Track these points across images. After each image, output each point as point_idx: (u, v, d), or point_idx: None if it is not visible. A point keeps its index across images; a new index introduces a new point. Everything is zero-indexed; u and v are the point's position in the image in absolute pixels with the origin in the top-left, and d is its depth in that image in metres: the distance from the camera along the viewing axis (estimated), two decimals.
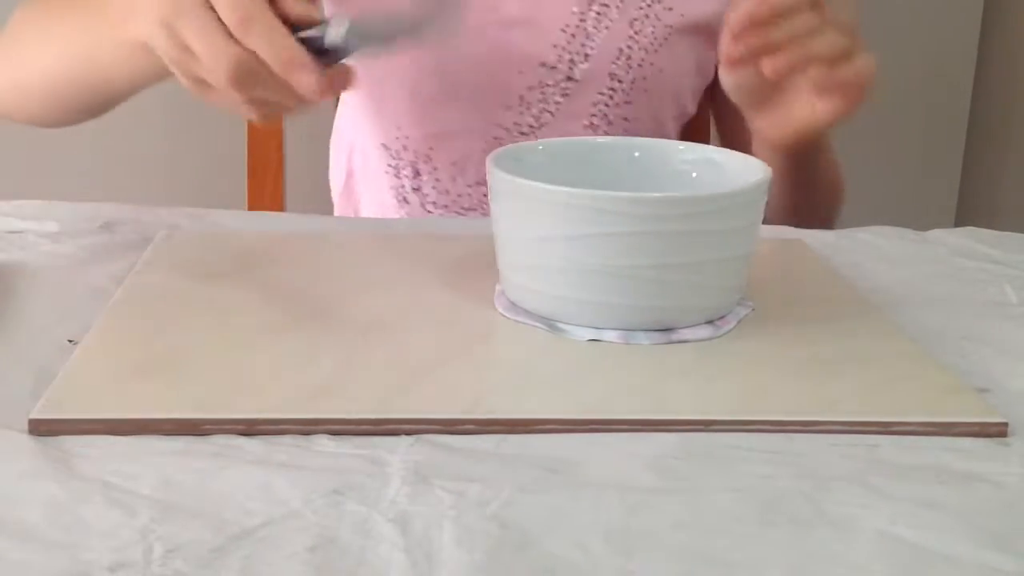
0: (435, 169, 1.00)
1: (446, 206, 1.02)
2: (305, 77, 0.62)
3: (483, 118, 0.98)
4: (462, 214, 1.01)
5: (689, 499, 0.48)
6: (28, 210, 0.84)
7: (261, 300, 0.68)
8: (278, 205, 1.28)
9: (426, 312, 0.66)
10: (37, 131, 0.97)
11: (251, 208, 1.28)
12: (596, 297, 0.62)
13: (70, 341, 0.62)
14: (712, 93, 1.06)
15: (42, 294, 0.69)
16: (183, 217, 0.85)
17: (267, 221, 0.88)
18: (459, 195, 1.01)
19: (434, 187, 1.01)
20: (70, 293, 0.69)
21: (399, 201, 1.04)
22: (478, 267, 0.67)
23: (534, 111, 0.98)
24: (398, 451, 0.51)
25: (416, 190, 1.02)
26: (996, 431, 0.55)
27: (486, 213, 1.02)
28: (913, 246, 0.84)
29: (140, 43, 0.70)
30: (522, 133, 0.98)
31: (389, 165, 1.03)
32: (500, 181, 0.64)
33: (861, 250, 0.82)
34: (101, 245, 0.78)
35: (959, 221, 2.01)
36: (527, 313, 0.65)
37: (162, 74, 0.74)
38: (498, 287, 0.68)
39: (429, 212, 1.03)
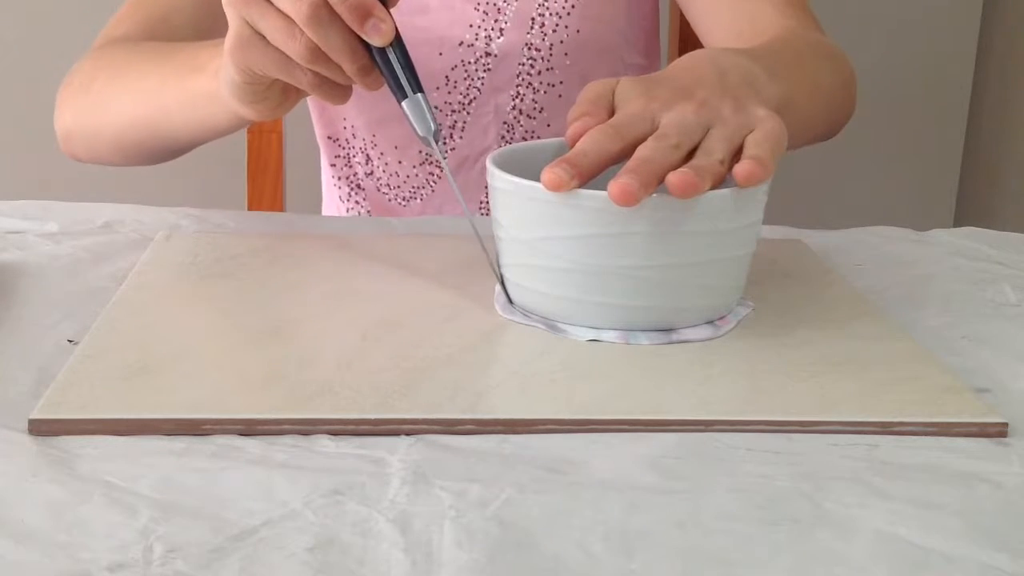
0: (382, 154, 1.05)
1: (398, 187, 1.06)
2: (373, 18, 0.64)
3: None
4: (413, 194, 1.06)
5: (689, 499, 0.48)
6: (28, 210, 0.84)
7: (261, 300, 0.68)
8: (278, 205, 1.28)
9: (426, 312, 0.66)
10: (37, 131, 0.97)
11: (251, 208, 1.28)
12: (596, 297, 0.62)
13: (70, 341, 0.62)
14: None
15: (42, 294, 0.69)
16: (183, 217, 0.85)
17: (267, 221, 0.88)
18: (407, 176, 1.05)
19: (384, 170, 1.06)
20: (70, 293, 0.69)
21: (352, 188, 1.09)
22: (478, 267, 0.67)
23: (461, 89, 1.01)
24: (398, 451, 0.51)
25: (369, 175, 1.07)
26: (996, 431, 0.55)
27: (434, 191, 1.06)
28: (913, 246, 0.84)
29: (208, 93, 0.75)
30: (453, 111, 1.02)
31: (337, 156, 1.09)
32: (500, 181, 0.64)
33: (861, 250, 0.82)
34: (101, 245, 0.78)
35: (959, 221, 2.01)
36: (527, 313, 0.65)
37: (224, 125, 0.80)
38: (498, 287, 0.68)
39: (384, 195, 1.07)
